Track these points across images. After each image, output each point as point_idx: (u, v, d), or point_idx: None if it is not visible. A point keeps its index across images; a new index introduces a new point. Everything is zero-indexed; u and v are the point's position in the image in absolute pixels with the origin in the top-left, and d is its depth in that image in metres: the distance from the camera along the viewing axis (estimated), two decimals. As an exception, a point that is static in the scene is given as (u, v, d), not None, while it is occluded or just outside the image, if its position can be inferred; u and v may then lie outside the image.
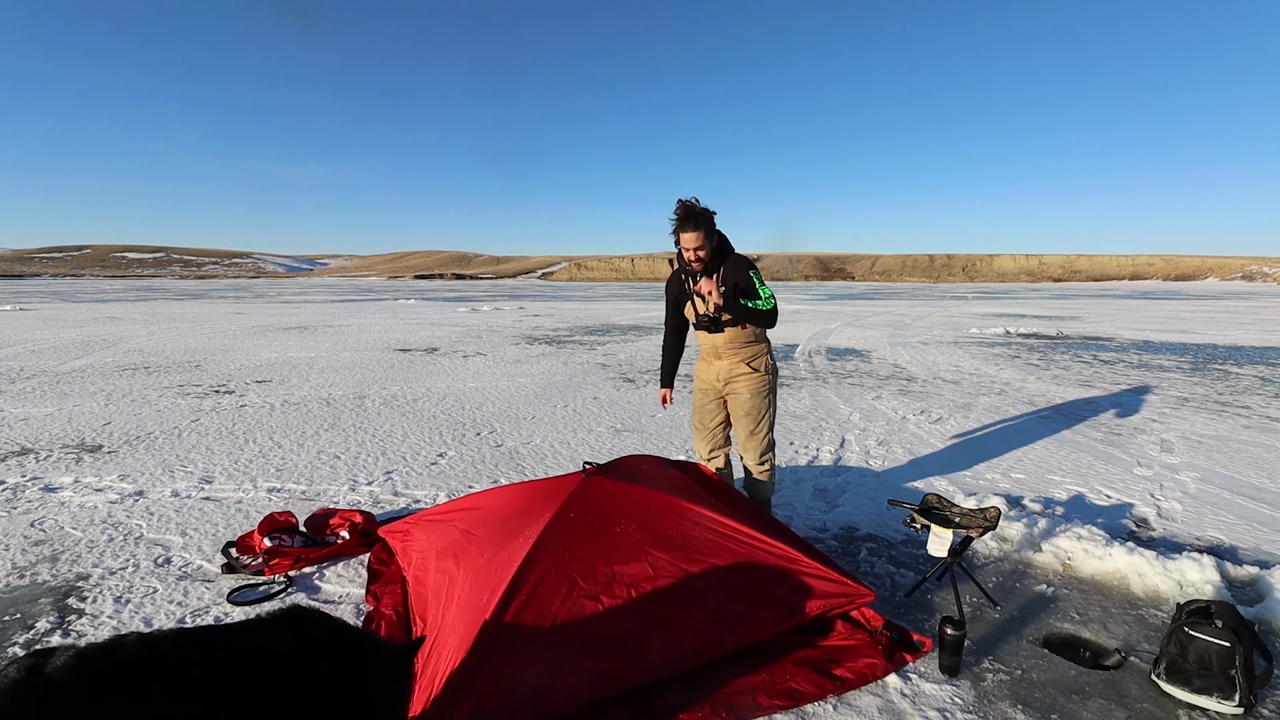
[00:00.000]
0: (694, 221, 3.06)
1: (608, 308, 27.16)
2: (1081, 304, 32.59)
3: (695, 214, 3.07)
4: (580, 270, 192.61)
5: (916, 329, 16.88)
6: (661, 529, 2.51)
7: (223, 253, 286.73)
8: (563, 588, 2.23)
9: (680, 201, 3.13)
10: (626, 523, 2.50)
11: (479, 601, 2.20)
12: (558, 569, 2.27)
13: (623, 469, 2.88)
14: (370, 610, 2.71)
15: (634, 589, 2.29)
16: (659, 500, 2.62)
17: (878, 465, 4.84)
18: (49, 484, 4.26)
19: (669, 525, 2.53)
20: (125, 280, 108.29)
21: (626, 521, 2.50)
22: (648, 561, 2.38)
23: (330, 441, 5.39)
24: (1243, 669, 2.14)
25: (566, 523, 2.45)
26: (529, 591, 2.18)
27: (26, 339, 12.82)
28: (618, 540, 2.43)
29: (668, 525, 2.53)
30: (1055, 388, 8.10)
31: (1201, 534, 3.61)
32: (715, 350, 3.33)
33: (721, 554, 2.49)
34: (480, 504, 2.97)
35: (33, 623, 2.61)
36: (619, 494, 2.63)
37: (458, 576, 2.48)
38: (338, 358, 10.59)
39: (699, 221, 3.06)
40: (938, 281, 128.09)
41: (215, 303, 30.37)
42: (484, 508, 2.90)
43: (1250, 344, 13.02)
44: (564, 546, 2.36)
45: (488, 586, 2.25)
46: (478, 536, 2.66)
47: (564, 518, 2.46)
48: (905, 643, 2.45)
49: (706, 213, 3.10)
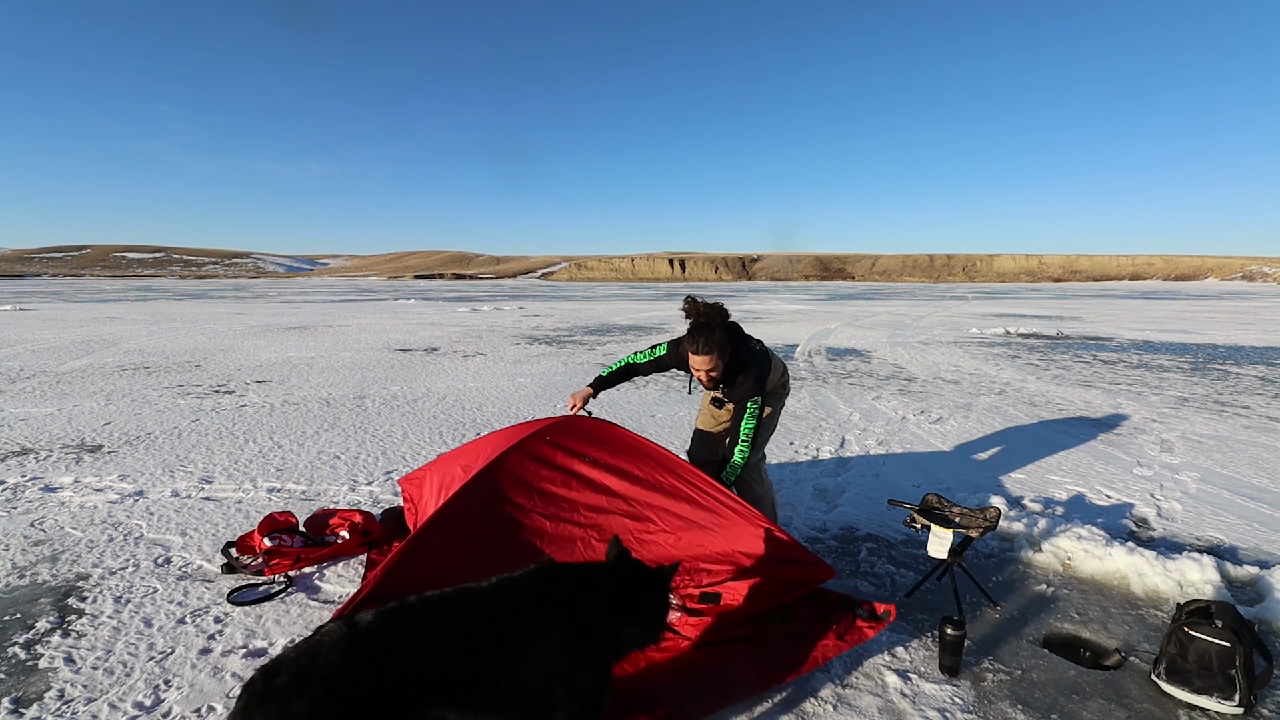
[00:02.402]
0: (706, 343, 2.75)
1: (608, 308, 27.16)
2: (1081, 304, 32.58)
3: (706, 335, 2.75)
4: (580, 270, 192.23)
5: (916, 329, 16.88)
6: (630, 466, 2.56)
7: (223, 253, 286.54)
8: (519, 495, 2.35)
9: (689, 301, 2.83)
10: (599, 452, 2.55)
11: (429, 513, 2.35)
12: (511, 480, 2.39)
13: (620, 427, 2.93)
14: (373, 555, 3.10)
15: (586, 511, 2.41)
16: (637, 442, 2.67)
17: (878, 465, 4.83)
18: (49, 484, 4.26)
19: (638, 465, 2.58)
20: (125, 280, 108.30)
21: (599, 451, 2.55)
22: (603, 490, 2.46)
23: (330, 441, 5.39)
24: (1243, 669, 2.14)
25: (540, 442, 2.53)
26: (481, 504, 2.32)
27: (26, 339, 12.82)
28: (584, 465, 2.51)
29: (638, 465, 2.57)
30: (1055, 388, 8.10)
31: (1201, 534, 3.61)
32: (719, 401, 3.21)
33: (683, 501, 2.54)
34: (486, 439, 3.06)
35: (33, 623, 2.61)
36: (604, 430, 2.70)
37: None
38: (338, 358, 10.59)
39: (710, 343, 2.75)
40: (938, 281, 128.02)
41: (215, 303, 30.37)
42: (488, 441, 2.99)
43: (1250, 344, 13.02)
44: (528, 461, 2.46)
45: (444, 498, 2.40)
46: (472, 468, 2.75)
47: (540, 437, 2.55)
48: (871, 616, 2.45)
49: (718, 328, 2.79)
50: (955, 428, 5.98)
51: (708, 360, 2.80)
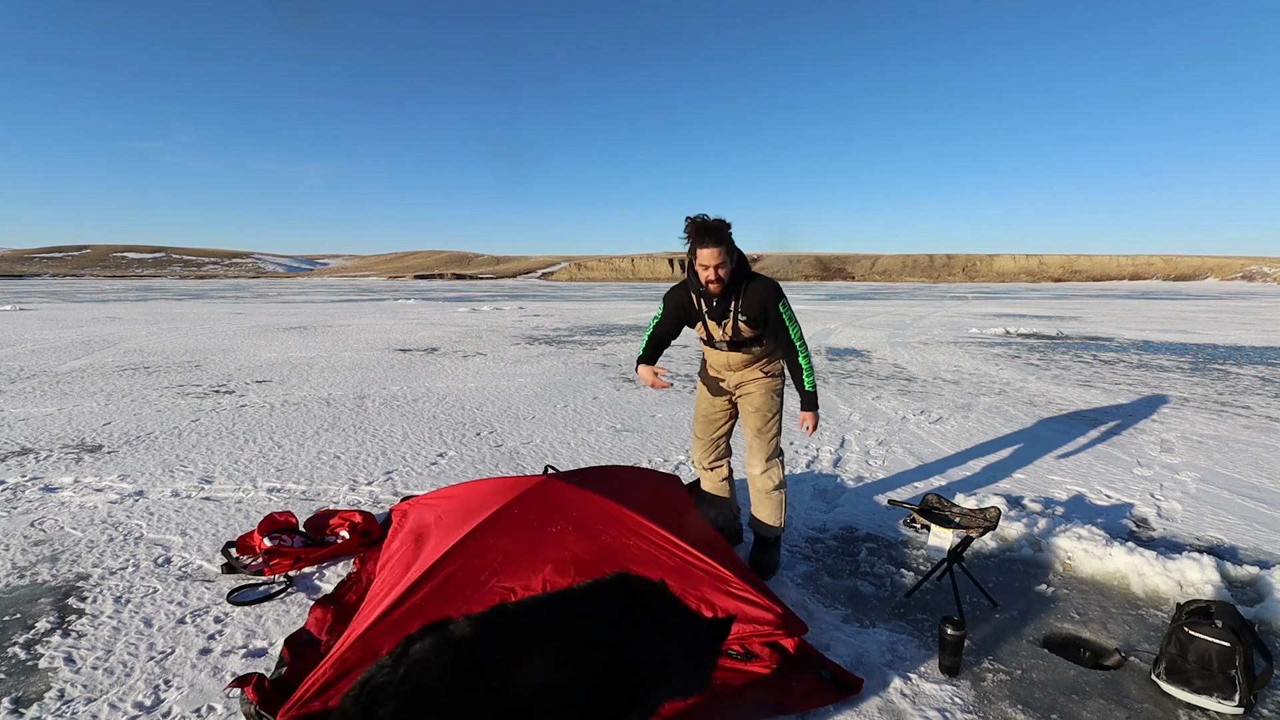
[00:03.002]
0: (714, 235, 2.74)
1: (608, 308, 27.16)
2: (1081, 304, 32.58)
3: (711, 227, 2.75)
4: (580, 270, 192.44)
5: (916, 329, 16.88)
6: (598, 534, 2.52)
7: (223, 253, 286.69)
8: (482, 574, 2.33)
9: (690, 219, 2.82)
10: (565, 524, 2.52)
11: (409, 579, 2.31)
12: (481, 558, 2.37)
13: (589, 476, 2.86)
14: (352, 571, 3.02)
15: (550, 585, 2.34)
16: (604, 508, 2.61)
17: (878, 465, 4.83)
18: (49, 484, 4.26)
19: (605, 531, 2.53)
20: (125, 280, 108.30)
21: (565, 523, 2.53)
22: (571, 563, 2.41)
23: (330, 441, 5.39)
24: (1243, 669, 2.14)
25: (508, 517, 2.52)
26: (446, 575, 2.29)
27: (26, 339, 12.82)
28: (549, 539, 2.47)
29: (604, 531, 2.53)
30: (1055, 388, 8.10)
31: (1201, 534, 3.61)
32: (727, 364, 3.12)
33: (648, 564, 2.46)
34: (459, 493, 3.06)
35: (33, 623, 2.61)
36: (568, 497, 2.65)
37: (408, 554, 2.62)
38: (338, 358, 10.59)
39: (719, 235, 2.75)
40: (938, 281, 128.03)
41: (215, 303, 30.37)
42: (459, 496, 3.00)
43: (1250, 344, 13.02)
44: (495, 537, 2.44)
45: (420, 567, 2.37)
46: (443, 522, 2.75)
47: (507, 512, 2.53)
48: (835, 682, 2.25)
49: (723, 225, 2.79)
50: (955, 428, 5.98)
51: (715, 254, 2.74)
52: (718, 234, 2.75)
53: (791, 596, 2.89)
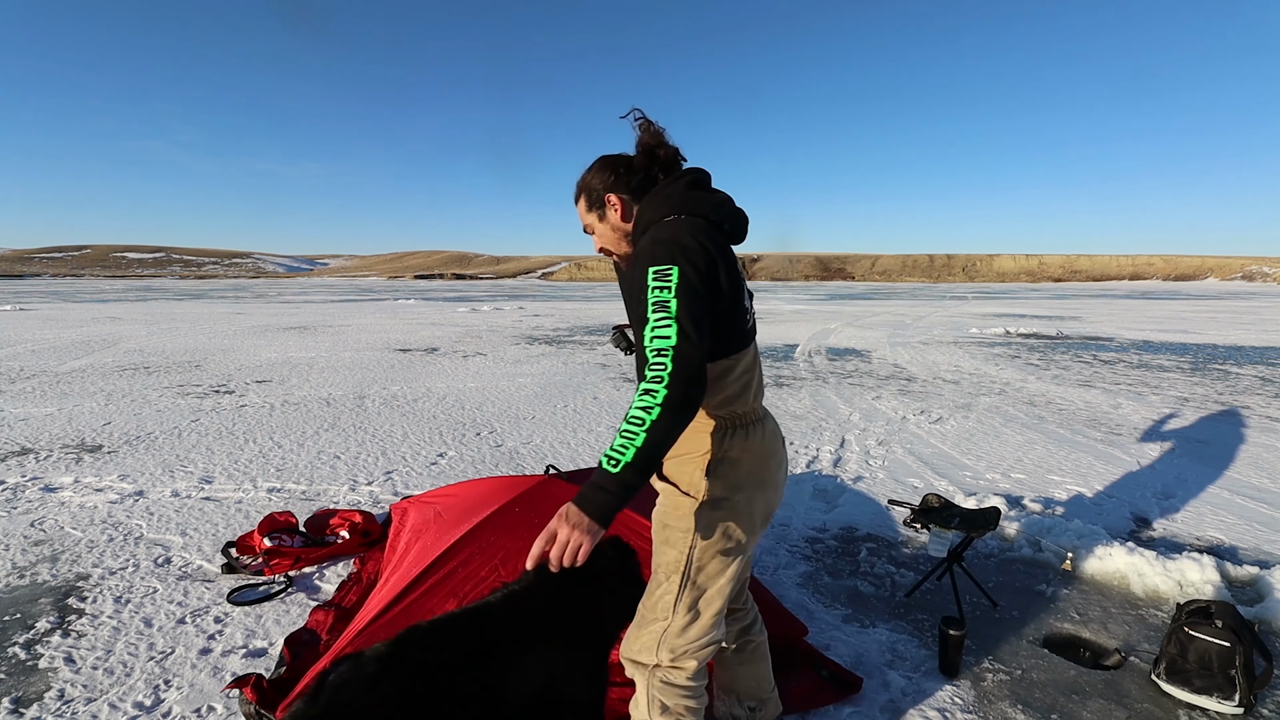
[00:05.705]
0: (577, 190, 1.63)
1: (608, 308, 27.15)
2: (1081, 304, 32.59)
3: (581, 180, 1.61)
4: (580, 270, 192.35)
5: (916, 329, 16.88)
6: None
7: (223, 253, 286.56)
8: (483, 570, 2.34)
9: None
10: None
11: (407, 575, 2.34)
12: (482, 554, 2.39)
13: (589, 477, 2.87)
14: (352, 571, 3.01)
15: None
16: None
17: (878, 465, 4.83)
18: (49, 484, 4.26)
19: None
20: (125, 280, 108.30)
21: None
22: None
23: (330, 441, 5.39)
24: (1243, 669, 2.14)
25: (509, 515, 2.54)
26: (447, 572, 2.31)
27: (26, 339, 12.82)
28: None
29: None
30: (1055, 388, 8.10)
31: (1201, 534, 3.61)
32: None
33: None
34: (459, 491, 3.10)
35: (33, 623, 2.61)
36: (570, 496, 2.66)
37: (410, 551, 2.64)
38: (338, 358, 10.59)
39: (579, 187, 1.62)
40: (938, 281, 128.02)
41: (215, 303, 30.37)
42: (459, 494, 3.03)
43: (1250, 344, 13.02)
44: (496, 535, 2.46)
45: (419, 563, 2.39)
46: (443, 519, 2.77)
47: (508, 510, 2.56)
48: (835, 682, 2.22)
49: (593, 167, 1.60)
50: (955, 428, 5.98)
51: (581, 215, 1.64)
52: (581, 188, 1.62)
53: (791, 596, 2.89)
